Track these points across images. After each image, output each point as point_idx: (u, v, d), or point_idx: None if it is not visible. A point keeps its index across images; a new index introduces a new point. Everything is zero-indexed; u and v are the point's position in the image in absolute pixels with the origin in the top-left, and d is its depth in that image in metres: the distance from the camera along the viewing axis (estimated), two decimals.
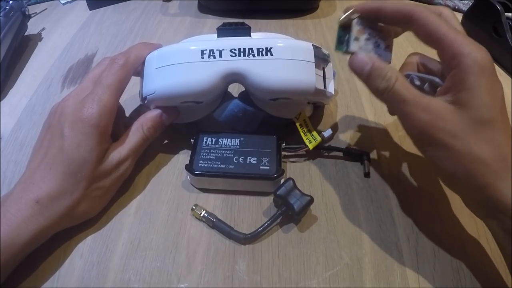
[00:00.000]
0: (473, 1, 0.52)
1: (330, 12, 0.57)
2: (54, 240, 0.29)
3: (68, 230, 0.29)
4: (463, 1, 0.58)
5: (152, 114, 0.32)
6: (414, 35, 0.26)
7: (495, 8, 0.46)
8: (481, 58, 0.22)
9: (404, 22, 0.26)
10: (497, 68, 0.46)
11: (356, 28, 0.27)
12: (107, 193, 0.30)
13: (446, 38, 0.23)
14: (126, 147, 0.30)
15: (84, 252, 0.28)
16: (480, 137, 0.22)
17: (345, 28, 0.28)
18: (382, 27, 0.28)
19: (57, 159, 0.27)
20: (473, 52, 0.22)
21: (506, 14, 0.45)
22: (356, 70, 0.26)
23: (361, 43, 0.27)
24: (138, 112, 0.38)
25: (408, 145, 0.36)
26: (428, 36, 0.25)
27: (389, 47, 0.28)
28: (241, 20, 0.32)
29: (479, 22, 0.49)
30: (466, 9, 0.53)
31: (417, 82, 0.28)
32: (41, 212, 0.26)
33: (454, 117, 0.23)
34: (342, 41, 0.28)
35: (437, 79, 0.26)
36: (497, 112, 0.22)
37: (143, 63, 0.32)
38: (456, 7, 0.58)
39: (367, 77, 0.26)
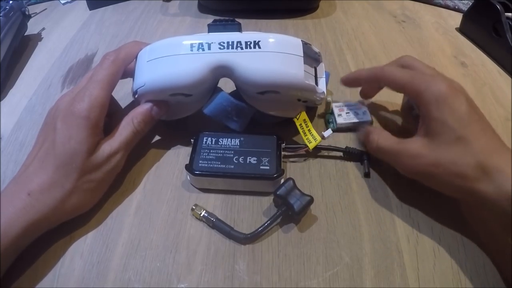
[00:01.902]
0: (473, 1, 0.52)
1: (330, 12, 0.57)
2: (54, 240, 0.29)
3: (68, 230, 0.29)
4: (463, 1, 0.58)
5: (143, 108, 0.32)
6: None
7: (495, 8, 0.46)
8: (437, 89, 0.27)
9: (376, 81, 0.33)
10: (497, 68, 0.46)
11: (336, 109, 0.37)
12: (99, 187, 0.30)
13: (406, 83, 0.30)
14: (117, 141, 0.30)
15: (84, 252, 0.28)
16: (456, 152, 0.26)
17: (329, 113, 0.38)
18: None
19: (49, 152, 0.28)
20: (429, 86, 0.28)
21: (506, 14, 0.45)
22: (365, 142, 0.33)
23: (344, 117, 0.37)
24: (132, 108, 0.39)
25: None
26: (395, 87, 0.31)
27: (366, 111, 0.37)
28: (240, 20, 0.32)
29: (479, 22, 0.49)
30: (466, 9, 0.53)
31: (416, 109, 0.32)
32: (32, 204, 0.26)
33: (430, 149, 0.27)
34: (331, 121, 0.38)
35: None
36: (465, 126, 0.26)
37: (136, 59, 0.32)
38: (456, 7, 0.58)
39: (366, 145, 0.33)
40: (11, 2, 0.49)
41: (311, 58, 0.33)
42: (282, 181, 0.30)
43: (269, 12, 0.56)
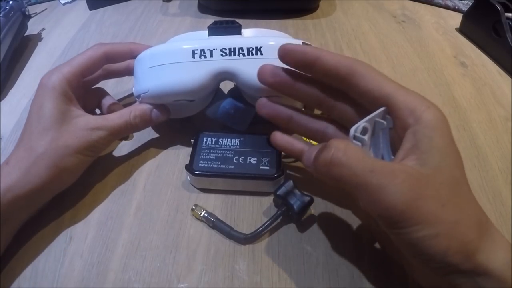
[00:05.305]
0: (473, 1, 0.52)
1: (330, 12, 0.57)
2: (54, 240, 0.29)
3: (68, 230, 0.29)
4: (463, 1, 0.58)
5: (144, 105, 0.33)
6: (349, 92, 0.24)
7: (495, 8, 0.46)
8: (440, 115, 0.21)
9: (342, 76, 0.23)
10: (497, 68, 0.46)
11: None
12: (75, 156, 0.29)
13: (397, 94, 0.22)
14: (106, 121, 0.31)
15: (84, 252, 0.28)
16: (461, 200, 0.20)
17: None
18: None
19: (27, 125, 0.29)
20: (430, 108, 0.21)
21: (506, 14, 0.45)
22: (305, 161, 0.25)
23: None
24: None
25: None
26: (371, 91, 0.22)
27: None
28: (239, 20, 0.33)
29: (479, 22, 0.49)
30: (466, 9, 0.53)
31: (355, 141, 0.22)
32: (9, 171, 0.27)
33: (434, 182, 0.19)
34: None
35: (381, 109, 0.22)
36: (462, 170, 0.21)
37: (135, 63, 0.33)
38: (456, 7, 0.58)
39: (314, 161, 0.22)
40: (11, 2, 0.49)
41: None
42: (282, 181, 0.30)
43: (269, 12, 0.56)
